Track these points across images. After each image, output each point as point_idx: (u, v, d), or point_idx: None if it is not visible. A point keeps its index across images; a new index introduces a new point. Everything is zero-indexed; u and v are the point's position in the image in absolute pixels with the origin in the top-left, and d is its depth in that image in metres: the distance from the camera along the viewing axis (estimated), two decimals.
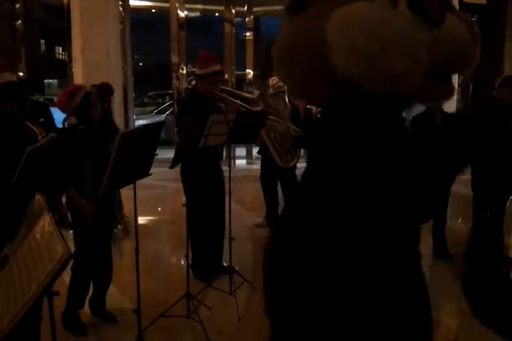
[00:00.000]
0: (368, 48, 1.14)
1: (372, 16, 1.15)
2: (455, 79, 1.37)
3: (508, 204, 4.21)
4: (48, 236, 1.01)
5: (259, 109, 3.92)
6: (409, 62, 1.16)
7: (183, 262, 3.99)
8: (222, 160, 4.00)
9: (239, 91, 4.38)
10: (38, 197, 1.21)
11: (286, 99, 4.12)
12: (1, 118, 2.29)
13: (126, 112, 7.92)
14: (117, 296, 3.35)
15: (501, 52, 9.91)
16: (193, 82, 3.78)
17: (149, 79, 17.25)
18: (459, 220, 5.36)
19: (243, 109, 3.65)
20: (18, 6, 8.71)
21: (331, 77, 1.24)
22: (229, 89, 4.33)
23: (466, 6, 8.40)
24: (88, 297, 3.07)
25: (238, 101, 3.64)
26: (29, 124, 2.57)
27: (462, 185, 4.82)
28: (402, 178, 1.28)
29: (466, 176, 4.12)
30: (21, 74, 8.22)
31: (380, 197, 1.27)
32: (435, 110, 3.91)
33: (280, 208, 4.33)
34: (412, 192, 1.29)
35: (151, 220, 5.43)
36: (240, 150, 8.85)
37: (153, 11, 11.11)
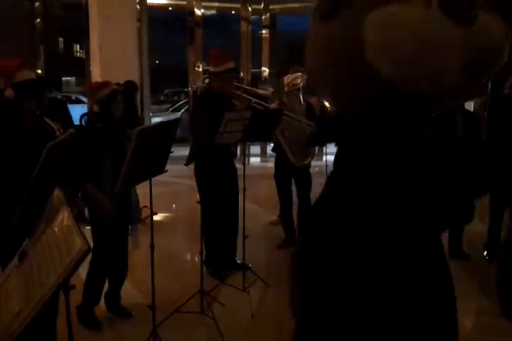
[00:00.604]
0: (410, 47, 1.15)
1: (411, 16, 1.16)
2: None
3: None
4: (66, 230, 1.03)
5: (274, 106, 3.92)
6: (449, 60, 1.17)
7: (197, 259, 4.02)
8: (236, 158, 4.02)
9: (253, 89, 4.38)
10: (57, 192, 1.23)
11: (301, 97, 4.12)
12: (20, 115, 2.33)
13: (142, 110, 7.98)
14: (132, 292, 3.39)
15: None
16: (207, 80, 3.78)
17: (166, 77, 17.36)
18: (476, 220, 5.31)
19: (258, 106, 3.65)
20: (37, 4, 8.83)
21: (370, 78, 1.24)
22: (243, 86, 4.33)
23: None
24: (103, 292, 3.11)
25: (253, 99, 3.65)
26: (47, 121, 2.61)
27: None
28: (435, 176, 1.29)
29: None
30: (39, 71, 8.33)
31: (411, 198, 1.28)
32: (456, 109, 3.87)
33: (294, 206, 4.33)
34: (442, 193, 1.30)
35: (166, 217, 5.47)
36: (255, 148, 8.86)
37: (170, 8, 11.16)
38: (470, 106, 7.50)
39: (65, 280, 0.95)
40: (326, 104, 4.20)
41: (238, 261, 3.80)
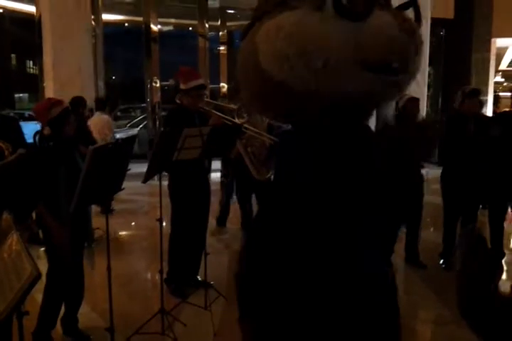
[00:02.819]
0: (285, 50, 1.25)
1: (289, 21, 1.26)
2: (420, 89, 1.44)
3: (478, 213, 4.31)
4: (15, 256, 0.99)
5: (243, 121, 3.94)
6: (329, 58, 1.24)
7: (157, 277, 3.94)
8: (210, 173, 4.02)
9: (224, 104, 4.40)
10: (6, 216, 1.19)
11: None
12: None
13: None
14: (90, 314, 3.28)
15: (469, 64, 10.23)
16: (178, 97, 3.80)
17: (122, 92, 17.16)
18: (431, 229, 5.45)
19: (227, 122, 3.68)
20: None
21: (271, 86, 1.33)
22: (214, 102, 4.38)
23: (435, 21, 8.67)
24: (60, 315, 2.99)
25: (221, 115, 3.67)
26: None
27: (433, 194, 4.93)
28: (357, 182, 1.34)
29: (435, 185, 4.21)
30: None
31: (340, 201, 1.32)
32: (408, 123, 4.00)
33: None
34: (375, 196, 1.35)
35: (124, 235, 5.36)
36: (216, 163, 8.83)
37: (126, 24, 11.10)
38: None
39: (16, 306, 0.91)
40: None
41: (200, 279, 3.76)
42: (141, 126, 11.64)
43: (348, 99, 1.32)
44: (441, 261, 4.26)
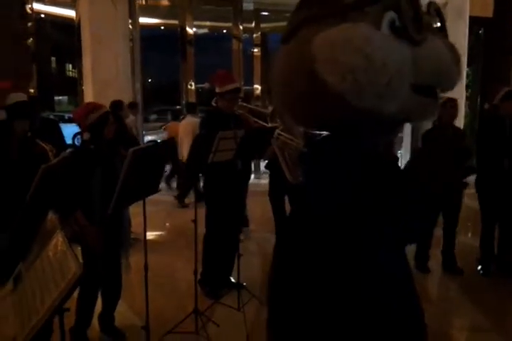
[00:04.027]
0: (352, 63, 1.23)
1: (356, 34, 1.25)
2: (458, 89, 1.44)
3: None
4: (60, 255, 1.03)
5: (276, 124, 3.96)
6: (392, 77, 1.24)
7: (191, 278, 3.99)
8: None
9: (257, 108, 4.46)
10: (51, 216, 1.23)
11: None
12: (12, 137, 2.34)
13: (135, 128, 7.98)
14: (126, 312, 3.35)
15: (508, 65, 9.94)
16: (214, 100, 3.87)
17: (158, 95, 17.42)
18: (469, 234, 5.33)
19: (260, 125, 3.73)
20: (30, 24, 8.89)
21: (321, 95, 1.31)
22: (249, 106, 4.42)
23: (473, 20, 8.47)
24: (98, 313, 3.07)
25: (253, 118, 3.72)
26: (39, 142, 2.62)
27: (470, 199, 4.82)
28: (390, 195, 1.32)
29: (472, 190, 4.11)
30: (32, 91, 8.34)
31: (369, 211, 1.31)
32: (446, 124, 3.93)
33: None
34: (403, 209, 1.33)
35: (159, 236, 5.45)
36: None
37: (162, 28, 11.28)
38: (461, 120, 7.60)
39: (59, 304, 0.95)
40: None
41: (233, 280, 3.79)
42: None
43: (389, 116, 1.32)
44: (479, 267, 4.15)
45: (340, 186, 1.32)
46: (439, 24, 1.43)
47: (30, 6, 8.42)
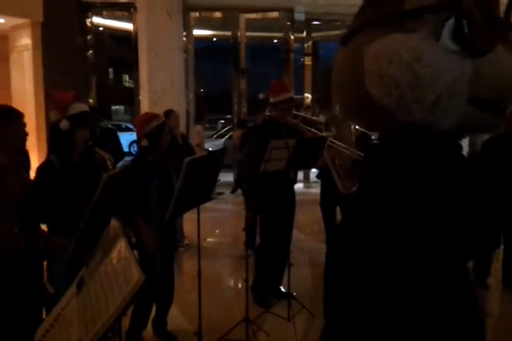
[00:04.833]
0: (398, 78, 1.18)
1: (406, 47, 1.18)
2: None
3: None
4: (124, 262, 1.07)
5: (330, 134, 3.95)
6: (441, 95, 1.17)
7: (240, 285, 4.02)
8: (295, 184, 4.06)
9: (312, 117, 4.47)
10: (114, 222, 1.28)
11: (351, 125, 4.13)
12: (73, 146, 2.44)
13: (187, 137, 8.17)
14: (178, 317, 3.41)
15: None
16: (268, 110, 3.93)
17: (210, 104, 17.74)
18: None
19: (312, 134, 3.74)
20: (89, 37, 9.31)
21: (370, 105, 1.28)
22: (302, 114, 4.45)
23: None
24: (151, 317, 3.14)
25: (306, 127, 3.73)
26: (99, 151, 2.73)
27: None
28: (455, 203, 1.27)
29: None
30: (91, 101, 8.71)
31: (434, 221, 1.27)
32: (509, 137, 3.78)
33: None
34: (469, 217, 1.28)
35: (210, 242, 5.52)
36: (298, 174, 8.85)
37: (215, 39, 11.51)
38: None
39: (123, 310, 0.99)
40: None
41: (283, 289, 3.78)
42: (226, 137, 11.97)
43: (443, 130, 1.27)
44: None
45: (397, 196, 1.30)
46: None
47: (90, 19, 8.84)
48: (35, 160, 4.67)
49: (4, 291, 2.08)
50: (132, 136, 8.91)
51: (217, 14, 9.76)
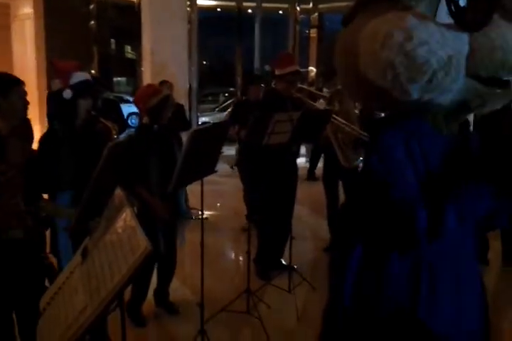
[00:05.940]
0: (392, 59, 1.17)
1: (399, 26, 1.17)
2: None
3: None
4: (130, 231, 1.06)
5: (335, 108, 3.91)
6: (436, 73, 1.17)
7: (242, 258, 4.05)
8: (298, 157, 4.05)
9: (316, 91, 4.41)
10: (118, 192, 1.27)
11: None
12: (76, 115, 2.40)
13: (190, 110, 8.10)
14: (180, 288, 3.45)
15: None
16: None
17: (213, 76, 17.53)
18: None
19: (316, 108, 3.71)
20: (92, 6, 9.12)
21: (365, 86, 1.28)
22: (307, 88, 4.39)
23: None
24: (154, 288, 3.18)
25: (311, 102, 3.69)
26: (103, 121, 2.70)
27: None
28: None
29: None
30: (93, 72, 8.60)
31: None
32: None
33: None
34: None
35: (212, 215, 5.53)
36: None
37: (219, 9, 11.28)
38: None
39: (129, 279, 0.98)
40: None
41: (284, 262, 3.81)
42: (229, 110, 11.86)
43: (445, 106, 1.27)
44: None
45: (404, 172, 1.29)
46: None
47: None
48: (37, 131, 4.63)
49: (13, 265, 2.06)
50: (131, 107, 8.80)
51: None
